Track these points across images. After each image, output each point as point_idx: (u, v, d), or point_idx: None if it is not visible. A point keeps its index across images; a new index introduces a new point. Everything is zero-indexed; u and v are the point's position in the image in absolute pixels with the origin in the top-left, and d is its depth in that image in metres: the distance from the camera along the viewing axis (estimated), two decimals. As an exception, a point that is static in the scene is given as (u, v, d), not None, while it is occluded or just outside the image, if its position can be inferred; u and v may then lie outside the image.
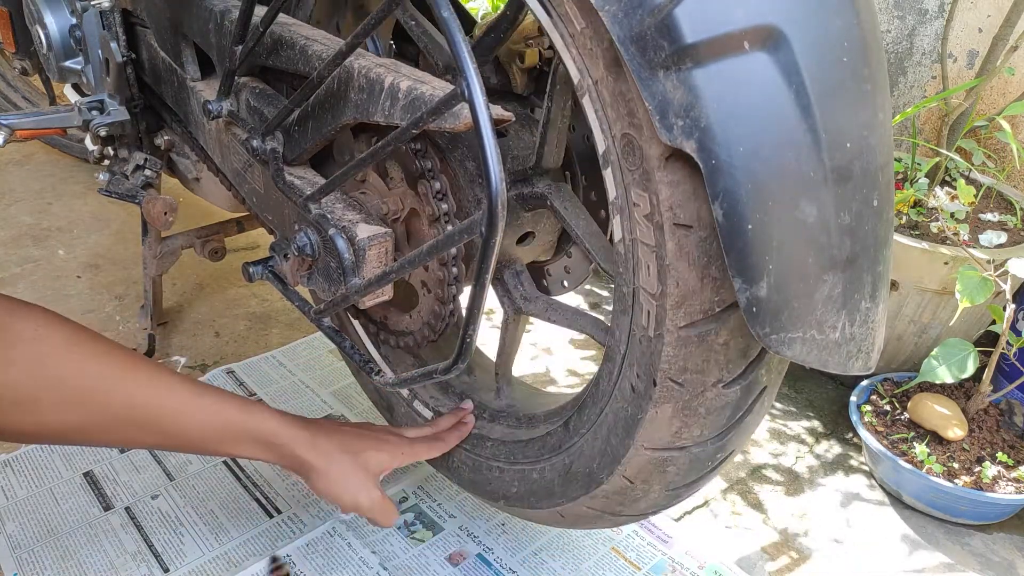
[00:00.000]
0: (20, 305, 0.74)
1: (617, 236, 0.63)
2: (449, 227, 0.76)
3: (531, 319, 0.87)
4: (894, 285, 1.27)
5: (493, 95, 0.83)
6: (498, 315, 1.58)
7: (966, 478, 1.12)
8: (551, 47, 0.78)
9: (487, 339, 1.46)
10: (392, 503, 0.88)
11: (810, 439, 1.31)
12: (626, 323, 0.66)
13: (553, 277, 0.91)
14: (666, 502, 0.74)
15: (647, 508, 0.75)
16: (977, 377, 1.19)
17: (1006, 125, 1.22)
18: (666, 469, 0.69)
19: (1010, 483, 1.11)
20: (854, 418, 1.22)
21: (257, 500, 1.11)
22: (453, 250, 0.75)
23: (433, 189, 0.75)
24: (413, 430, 0.93)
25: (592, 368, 1.42)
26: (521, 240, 0.84)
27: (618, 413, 0.70)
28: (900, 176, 1.42)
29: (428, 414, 0.98)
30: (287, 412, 0.87)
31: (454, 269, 0.77)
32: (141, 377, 0.78)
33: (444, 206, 0.75)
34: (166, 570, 1.00)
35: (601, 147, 0.61)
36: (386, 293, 0.81)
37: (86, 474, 1.14)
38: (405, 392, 1.01)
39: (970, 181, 1.42)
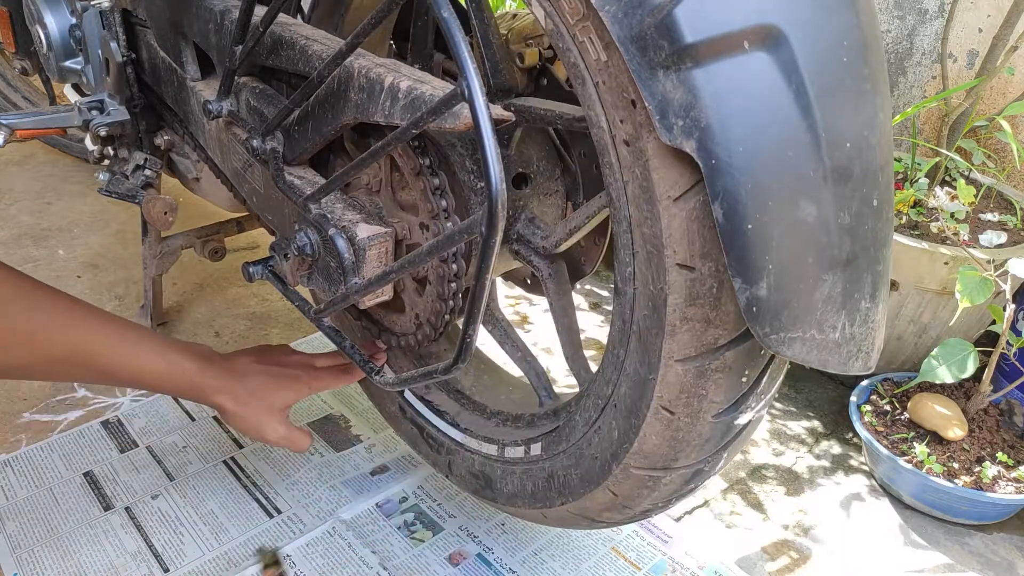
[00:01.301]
0: None
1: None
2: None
3: (532, 320, 0.86)
4: (894, 285, 1.27)
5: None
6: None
7: (966, 478, 1.12)
8: (551, 47, 0.78)
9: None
10: (301, 431, 0.96)
11: (810, 439, 1.31)
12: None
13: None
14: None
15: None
16: (977, 377, 1.19)
17: (1006, 125, 1.22)
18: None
19: (1010, 483, 1.11)
20: (854, 418, 1.22)
21: (257, 500, 1.11)
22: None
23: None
24: (323, 358, 1.01)
25: (592, 367, 1.42)
26: (519, 185, 0.82)
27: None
28: (900, 176, 1.42)
29: None
30: (207, 351, 0.95)
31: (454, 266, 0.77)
32: (81, 324, 0.87)
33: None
34: (166, 570, 1.00)
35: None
36: (386, 293, 0.81)
37: (86, 474, 1.14)
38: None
39: (970, 181, 1.42)
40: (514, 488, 0.87)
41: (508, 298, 1.64)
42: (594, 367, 0.80)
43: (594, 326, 1.56)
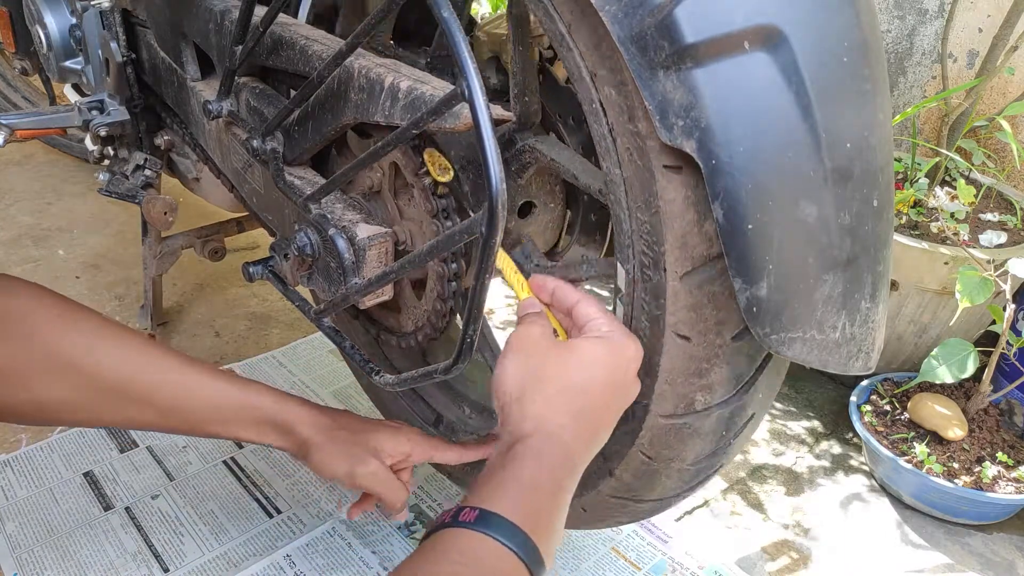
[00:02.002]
0: (10, 280, 0.74)
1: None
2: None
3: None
4: (894, 285, 1.27)
5: (493, 95, 0.83)
6: (500, 313, 1.58)
7: (966, 478, 1.12)
8: (551, 47, 0.78)
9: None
10: (399, 481, 0.82)
11: (810, 439, 1.31)
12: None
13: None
14: None
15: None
16: (977, 377, 1.19)
17: (1006, 125, 1.22)
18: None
19: (1010, 483, 1.11)
20: (854, 418, 1.22)
21: (257, 500, 1.11)
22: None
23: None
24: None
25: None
26: (523, 214, 0.83)
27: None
28: (900, 176, 1.42)
29: None
30: (287, 392, 0.84)
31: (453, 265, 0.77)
32: (133, 350, 0.76)
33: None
34: (166, 570, 1.00)
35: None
36: (386, 293, 0.81)
37: (86, 474, 1.14)
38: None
39: (970, 181, 1.42)
40: None
41: (507, 298, 1.64)
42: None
43: (594, 326, 1.56)
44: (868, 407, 1.24)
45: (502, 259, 0.69)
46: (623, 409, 0.63)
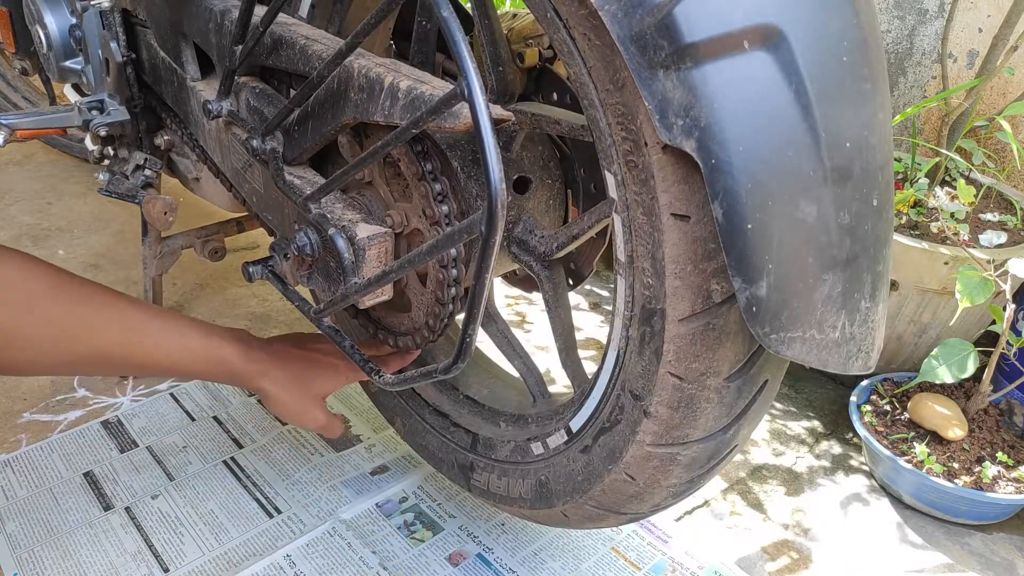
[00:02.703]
0: (4, 250, 0.79)
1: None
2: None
3: (531, 320, 0.86)
4: (894, 285, 1.27)
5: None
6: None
7: (966, 478, 1.12)
8: (551, 47, 0.78)
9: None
10: (335, 419, 0.98)
11: (810, 439, 1.31)
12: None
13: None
14: None
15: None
16: (977, 377, 1.19)
17: (1006, 125, 1.22)
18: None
19: (1010, 483, 1.11)
20: (854, 418, 1.22)
21: (257, 500, 1.11)
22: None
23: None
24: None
25: (591, 367, 1.42)
26: (520, 189, 0.83)
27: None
28: (900, 176, 1.42)
29: None
30: (246, 335, 0.95)
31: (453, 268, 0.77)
32: (119, 316, 0.86)
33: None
34: (166, 570, 1.00)
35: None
36: (386, 293, 0.81)
37: (86, 474, 1.14)
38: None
39: (970, 181, 1.42)
40: None
41: (508, 298, 1.64)
42: (592, 367, 0.80)
43: (594, 326, 1.56)
44: (868, 407, 1.24)
45: None
46: None
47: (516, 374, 0.95)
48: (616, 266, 0.65)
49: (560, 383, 1.40)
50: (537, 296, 1.29)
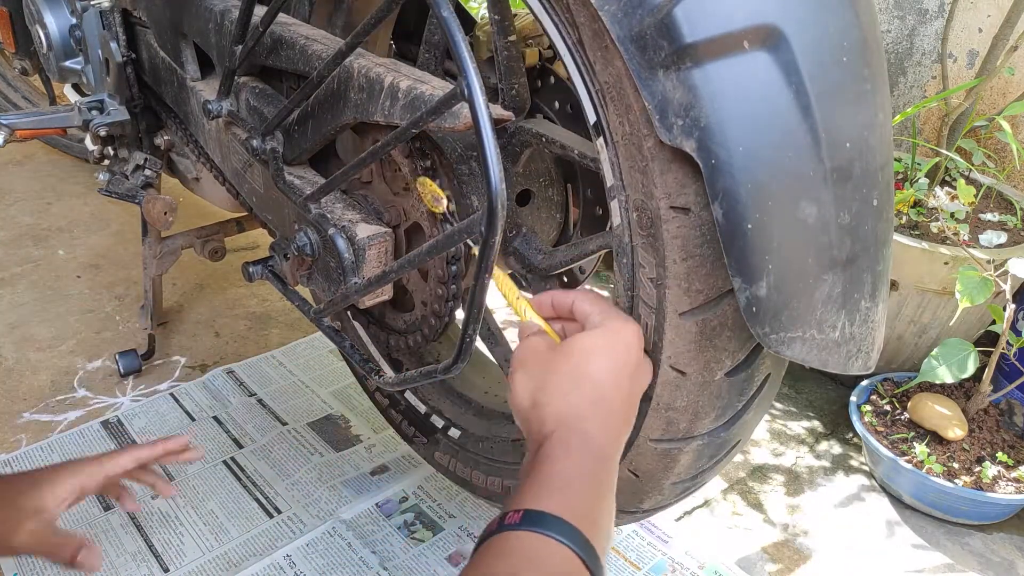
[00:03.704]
0: None
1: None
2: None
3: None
4: (894, 285, 1.27)
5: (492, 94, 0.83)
6: (500, 313, 1.58)
7: (966, 478, 1.12)
8: (551, 47, 0.78)
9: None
10: (60, 537, 0.80)
11: (810, 439, 1.31)
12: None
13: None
14: None
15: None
16: (977, 377, 1.19)
17: (1006, 125, 1.22)
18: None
19: (1010, 483, 1.11)
20: (854, 418, 1.22)
21: (257, 500, 1.11)
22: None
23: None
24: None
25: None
26: (522, 202, 0.83)
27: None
28: (900, 176, 1.42)
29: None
30: None
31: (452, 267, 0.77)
32: None
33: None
34: (166, 570, 1.00)
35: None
36: (386, 293, 0.81)
37: (86, 474, 1.14)
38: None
39: (970, 181, 1.42)
40: None
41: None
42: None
43: (594, 326, 1.56)
44: (868, 407, 1.24)
45: (504, 283, 0.69)
46: (639, 391, 0.63)
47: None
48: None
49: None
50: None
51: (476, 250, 0.61)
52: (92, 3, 1.08)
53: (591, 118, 0.61)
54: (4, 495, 0.78)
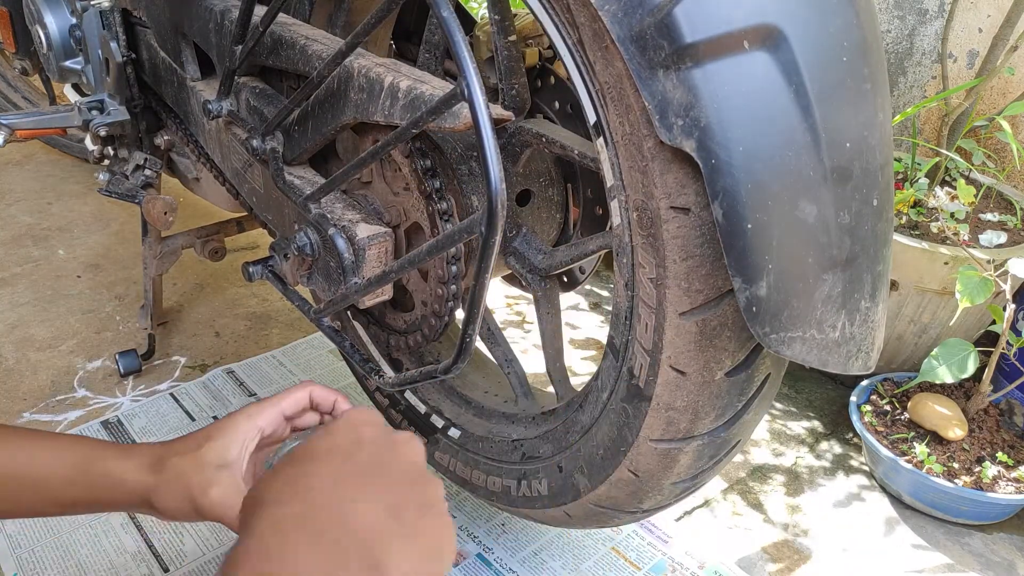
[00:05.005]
0: None
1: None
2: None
3: (531, 320, 0.86)
4: (894, 285, 1.27)
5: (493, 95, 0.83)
6: (500, 313, 1.58)
7: (966, 478, 1.12)
8: (551, 47, 0.78)
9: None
10: None
11: (810, 439, 1.31)
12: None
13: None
14: None
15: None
16: (977, 377, 1.19)
17: (1006, 125, 1.22)
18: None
19: (1010, 483, 1.11)
20: (854, 418, 1.22)
21: (257, 500, 1.11)
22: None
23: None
24: None
25: (592, 367, 1.42)
26: (522, 202, 0.83)
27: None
28: (900, 176, 1.42)
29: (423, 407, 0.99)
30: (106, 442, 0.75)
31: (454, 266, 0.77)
32: (15, 446, 0.69)
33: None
34: (166, 570, 1.00)
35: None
36: (386, 293, 0.81)
37: (86, 474, 1.13)
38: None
39: (970, 181, 1.42)
40: None
41: (507, 298, 1.64)
42: (593, 367, 0.80)
43: (594, 326, 1.56)
44: (868, 407, 1.24)
45: None
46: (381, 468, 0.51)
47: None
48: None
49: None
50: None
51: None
52: (92, 3, 1.08)
53: (591, 118, 0.61)
54: (183, 452, 0.69)
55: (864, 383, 1.29)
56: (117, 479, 0.68)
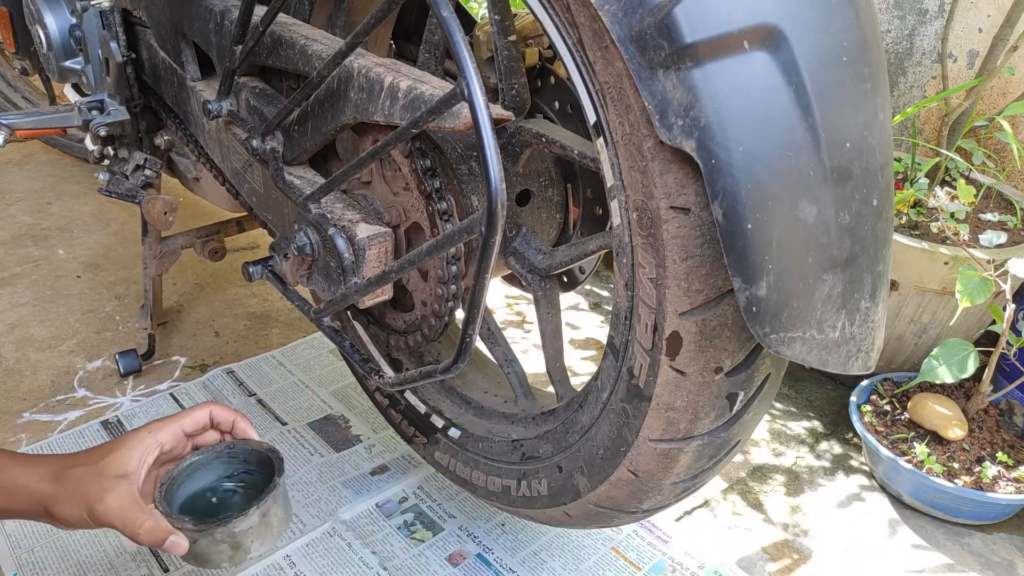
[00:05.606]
0: None
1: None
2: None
3: (531, 320, 0.86)
4: (894, 285, 1.27)
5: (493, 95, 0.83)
6: (500, 313, 1.58)
7: (966, 478, 1.12)
8: (551, 47, 0.78)
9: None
10: (145, 511, 0.74)
11: (810, 439, 1.31)
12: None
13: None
14: None
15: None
16: (977, 377, 1.19)
17: (1006, 125, 1.22)
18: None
19: (1010, 483, 1.11)
20: (854, 418, 1.22)
21: (257, 500, 1.11)
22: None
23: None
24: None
25: (592, 367, 1.42)
26: (522, 202, 0.84)
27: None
28: (900, 176, 1.42)
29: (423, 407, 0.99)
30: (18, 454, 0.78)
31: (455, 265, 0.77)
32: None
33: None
34: (166, 570, 1.00)
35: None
36: (386, 293, 0.81)
37: (86, 474, 1.13)
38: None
39: (970, 181, 1.42)
40: None
41: (507, 298, 1.64)
42: (593, 367, 0.80)
43: (594, 326, 1.56)
44: (868, 407, 1.24)
45: None
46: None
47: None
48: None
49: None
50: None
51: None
52: (92, 3, 1.08)
53: (591, 118, 0.61)
54: (85, 463, 0.74)
55: (864, 383, 1.29)
56: (21, 486, 0.73)
